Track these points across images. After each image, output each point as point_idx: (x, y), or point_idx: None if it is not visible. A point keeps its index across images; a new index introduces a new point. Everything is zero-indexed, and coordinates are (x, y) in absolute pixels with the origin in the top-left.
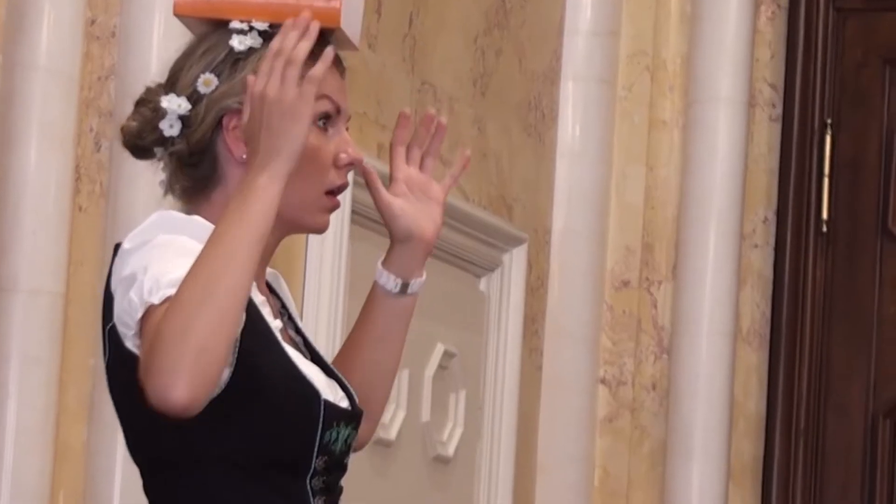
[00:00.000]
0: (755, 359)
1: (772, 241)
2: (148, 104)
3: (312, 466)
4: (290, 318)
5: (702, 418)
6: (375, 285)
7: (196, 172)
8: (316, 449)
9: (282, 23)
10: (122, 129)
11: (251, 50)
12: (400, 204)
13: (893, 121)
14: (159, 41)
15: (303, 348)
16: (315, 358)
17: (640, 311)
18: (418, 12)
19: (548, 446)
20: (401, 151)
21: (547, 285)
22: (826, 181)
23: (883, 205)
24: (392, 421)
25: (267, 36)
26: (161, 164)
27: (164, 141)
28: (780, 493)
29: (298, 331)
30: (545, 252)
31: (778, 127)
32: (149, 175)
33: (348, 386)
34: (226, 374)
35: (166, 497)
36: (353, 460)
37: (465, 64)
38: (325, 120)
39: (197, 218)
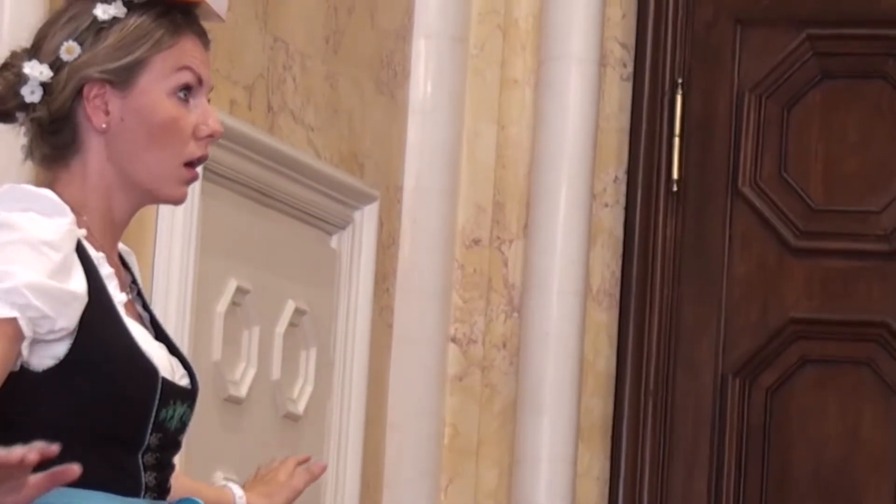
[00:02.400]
0: (605, 317)
1: (622, 200)
2: (11, 69)
3: (146, 442)
4: (140, 294)
5: (552, 377)
6: (231, 495)
7: (55, 140)
8: (150, 425)
9: None
10: None
11: (115, 19)
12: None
13: (744, 80)
14: (12, 4)
15: (148, 325)
16: (160, 336)
17: (490, 269)
18: None
19: (398, 404)
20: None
21: (398, 243)
22: (677, 141)
23: (733, 164)
24: (243, 378)
25: (131, 6)
26: (23, 130)
27: (26, 107)
28: (629, 451)
29: (147, 307)
30: (396, 210)
31: (629, 86)
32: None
33: (190, 364)
34: (64, 345)
35: None
36: (203, 417)
37: (318, 21)
38: (186, 91)
39: (46, 192)
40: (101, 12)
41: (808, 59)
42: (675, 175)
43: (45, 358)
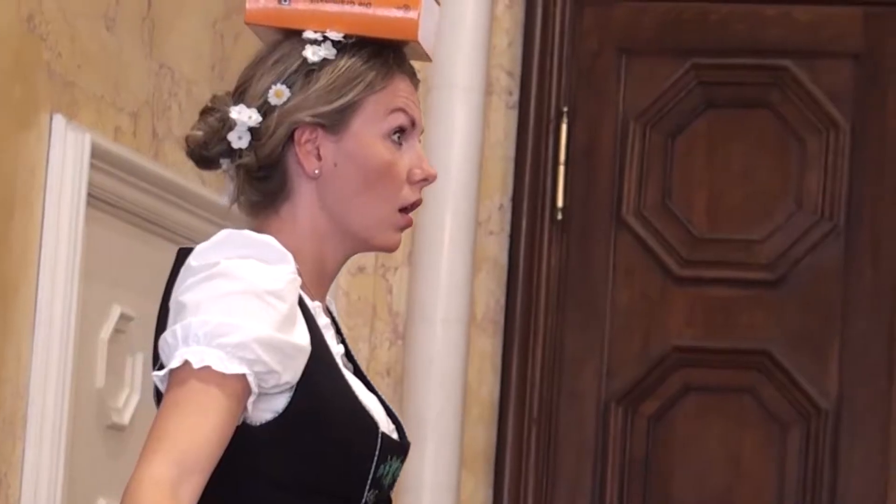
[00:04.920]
0: (489, 345)
1: (507, 228)
2: (215, 113)
3: (364, 499)
4: (344, 342)
5: (435, 405)
6: None
7: (264, 186)
8: (369, 482)
9: (356, 34)
10: (187, 139)
11: (325, 61)
12: None
13: (628, 109)
14: None
15: (354, 375)
16: (368, 385)
17: (375, 297)
18: None
19: None
20: None
21: None
22: (561, 169)
23: (617, 193)
24: (126, 405)
25: (341, 47)
26: (227, 175)
27: (232, 152)
28: (512, 480)
29: (350, 356)
30: None
31: (514, 114)
32: None
33: (397, 416)
34: (284, 399)
35: None
36: (86, 444)
37: (204, 47)
38: (400, 134)
39: (268, 239)
40: (311, 54)
41: (692, 89)
42: (560, 203)
43: (265, 412)
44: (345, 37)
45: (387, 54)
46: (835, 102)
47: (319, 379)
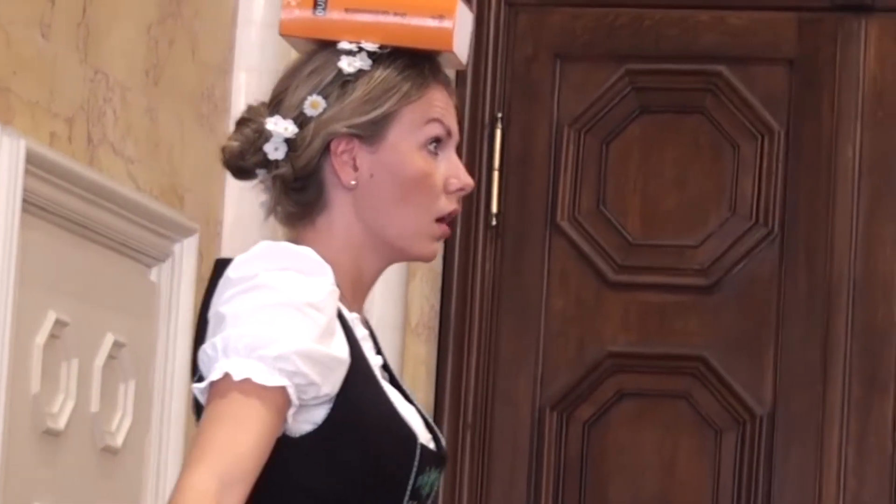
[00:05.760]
0: (424, 351)
1: None
2: (251, 124)
3: None
4: (381, 353)
5: None
6: None
7: (300, 197)
8: (408, 493)
9: (392, 44)
10: (223, 149)
11: (360, 72)
12: None
13: (563, 115)
14: None
15: (392, 386)
16: (405, 396)
17: None
18: (92, 1)
19: None
20: None
21: None
22: (496, 175)
23: (552, 199)
24: (61, 411)
25: (376, 57)
26: (262, 186)
27: (268, 163)
28: (447, 485)
29: (388, 367)
30: (216, 243)
31: None
32: None
33: (434, 426)
34: (324, 411)
35: None
36: (21, 449)
37: (139, 53)
38: (436, 144)
39: (306, 250)
40: (346, 65)
41: (626, 94)
42: (494, 209)
43: (304, 423)
44: (380, 47)
45: (422, 64)
46: (769, 108)
47: (358, 390)
